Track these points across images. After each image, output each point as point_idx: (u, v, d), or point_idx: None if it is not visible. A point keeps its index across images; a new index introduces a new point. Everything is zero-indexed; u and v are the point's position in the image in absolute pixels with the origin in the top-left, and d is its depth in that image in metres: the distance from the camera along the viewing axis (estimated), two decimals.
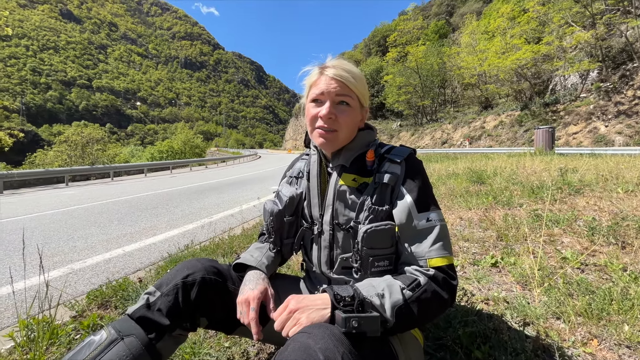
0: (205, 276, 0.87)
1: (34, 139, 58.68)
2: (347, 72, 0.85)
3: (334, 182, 0.91)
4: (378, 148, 0.92)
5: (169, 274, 0.89)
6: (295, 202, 0.98)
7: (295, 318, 0.68)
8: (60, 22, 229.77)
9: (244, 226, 3.46)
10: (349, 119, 0.87)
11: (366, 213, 0.83)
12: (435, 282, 0.75)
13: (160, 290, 0.84)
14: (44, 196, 8.62)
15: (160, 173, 17.73)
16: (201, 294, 0.85)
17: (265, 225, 1.02)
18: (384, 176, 0.84)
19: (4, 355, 1.35)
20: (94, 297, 1.76)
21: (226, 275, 0.93)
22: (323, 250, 0.93)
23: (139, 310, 0.81)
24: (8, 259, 3.11)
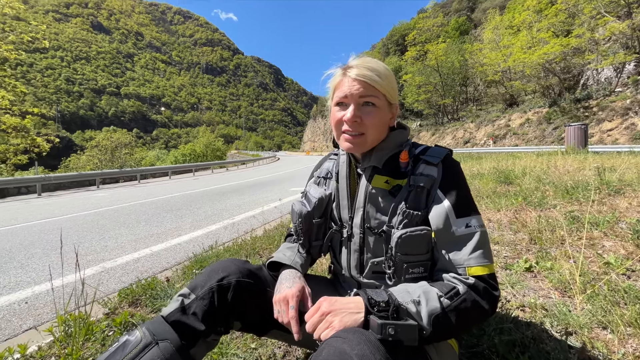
0: (241, 279, 0.86)
1: (68, 144, 62.41)
2: (371, 70, 0.81)
3: (364, 184, 0.87)
4: (412, 149, 0.87)
5: (202, 275, 0.88)
6: (324, 204, 0.95)
7: (327, 321, 0.67)
8: (91, 34, 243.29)
9: (265, 227, 3.49)
10: (376, 120, 0.82)
11: (400, 217, 0.80)
12: (475, 291, 0.71)
13: (195, 292, 0.83)
14: (77, 198, 9.10)
15: (183, 175, 18.30)
16: (236, 297, 0.84)
17: (294, 227, 1.01)
18: (419, 179, 0.80)
19: (44, 349, 1.42)
20: (125, 295, 1.82)
21: (260, 276, 0.92)
22: (353, 253, 0.90)
23: (174, 314, 0.80)
24: (46, 257, 3.30)
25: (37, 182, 11.52)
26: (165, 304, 1.71)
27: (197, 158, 36.82)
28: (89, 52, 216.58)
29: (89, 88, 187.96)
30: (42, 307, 2.13)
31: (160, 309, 1.69)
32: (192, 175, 18.24)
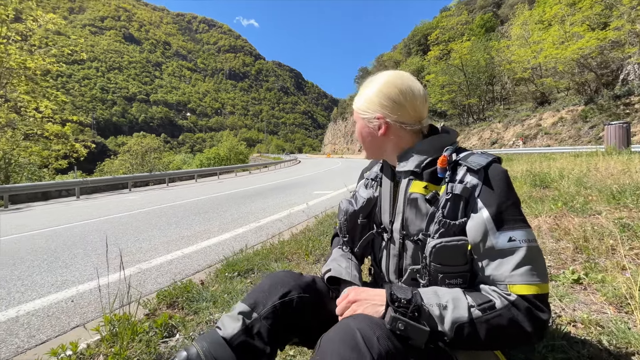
0: (302, 294, 0.86)
1: (102, 149, 66.20)
2: (358, 94, 0.92)
3: (404, 188, 0.86)
4: (453, 154, 0.84)
5: (260, 290, 0.86)
6: (371, 205, 0.96)
7: (352, 309, 0.74)
8: (123, 45, 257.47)
9: (292, 231, 3.52)
10: (358, 133, 0.93)
11: (436, 226, 0.77)
12: (516, 310, 0.66)
13: (257, 311, 0.81)
14: (111, 201, 9.62)
15: (209, 179, 18.87)
16: (298, 313, 0.84)
17: (339, 224, 1.03)
18: (457, 186, 0.76)
19: (92, 347, 1.49)
20: (163, 297, 1.89)
21: (317, 289, 0.92)
22: (392, 258, 0.89)
23: (238, 336, 0.78)
24: (87, 257, 3.49)
25: (76, 185, 12.29)
26: (201, 306, 1.76)
27: (221, 161, 37.88)
28: (121, 62, 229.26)
29: (121, 96, 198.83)
30: (86, 305, 2.25)
31: (197, 311, 1.74)
32: (217, 178, 18.76)
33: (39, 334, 1.89)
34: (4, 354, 1.70)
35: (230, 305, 1.69)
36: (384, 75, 0.88)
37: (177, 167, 36.79)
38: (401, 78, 0.86)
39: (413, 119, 0.85)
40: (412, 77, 0.88)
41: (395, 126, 0.85)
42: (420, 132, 0.88)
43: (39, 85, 16.75)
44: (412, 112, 0.84)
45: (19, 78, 15.68)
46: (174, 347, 1.41)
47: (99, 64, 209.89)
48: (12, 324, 2.02)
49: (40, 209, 8.67)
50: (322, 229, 3.34)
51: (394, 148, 0.87)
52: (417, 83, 0.87)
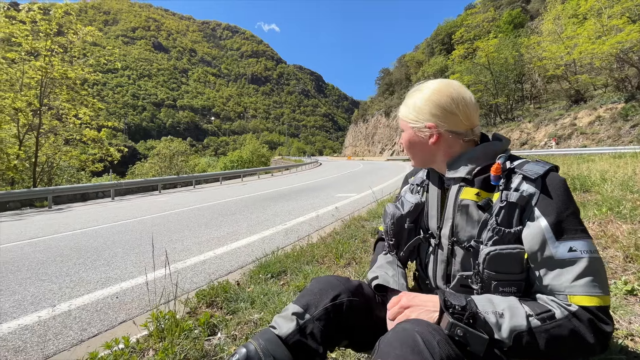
0: (352, 298, 0.88)
1: (133, 153, 69.83)
2: (403, 104, 0.93)
3: (453, 194, 0.86)
4: (507, 161, 0.83)
5: (311, 293, 0.90)
6: (419, 210, 0.96)
7: (405, 314, 0.74)
8: (152, 53, 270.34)
9: (320, 234, 3.55)
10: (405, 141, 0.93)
11: (490, 233, 0.76)
12: (577, 321, 0.65)
13: (309, 313, 0.84)
14: (143, 202, 10.09)
15: (233, 181, 19.35)
16: (348, 316, 0.86)
17: (385, 228, 1.03)
18: (512, 194, 0.76)
19: (140, 341, 1.58)
20: (202, 296, 1.97)
21: (364, 294, 0.93)
22: (439, 264, 0.89)
23: (293, 335, 0.81)
24: (127, 256, 3.69)
25: (111, 187, 13.02)
26: (239, 307, 1.81)
27: (244, 164, 38.76)
28: (150, 69, 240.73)
29: (150, 102, 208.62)
30: (130, 302, 2.38)
31: (235, 311, 1.80)
32: (241, 180, 19.20)
33: (90, 327, 2.02)
34: (61, 345, 1.84)
35: (269, 306, 1.74)
36: (433, 83, 0.87)
37: (203, 170, 38.03)
38: (452, 86, 0.86)
39: (465, 127, 0.85)
40: (461, 85, 0.87)
41: (447, 135, 0.85)
42: (472, 140, 0.87)
43: (78, 93, 17.89)
44: (465, 120, 0.84)
45: (60, 87, 16.85)
46: (217, 345, 1.46)
47: (130, 72, 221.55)
48: (65, 318, 2.17)
49: (80, 210, 9.26)
50: (350, 232, 3.35)
51: (444, 156, 0.87)
52: (468, 91, 0.86)
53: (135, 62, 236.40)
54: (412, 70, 55.96)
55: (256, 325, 1.59)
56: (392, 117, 58.22)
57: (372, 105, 72.37)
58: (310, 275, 2.16)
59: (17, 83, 15.88)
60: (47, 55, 15.82)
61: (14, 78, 15.72)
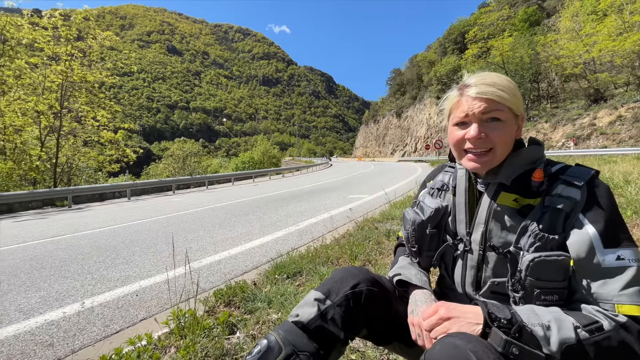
0: (371, 288, 0.89)
1: (148, 154, 71.61)
2: (491, 85, 0.79)
3: (487, 200, 0.85)
4: (547, 167, 0.82)
5: (332, 280, 0.91)
6: (440, 215, 0.95)
7: (444, 327, 0.69)
8: (166, 56, 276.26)
9: (333, 235, 3.55)
10: (504, 134, 0.79)
11: (531, 239, 0.75)
12: (626, 332, 0.63)
13: (331, 299, 0.85)
14: (158, 202, 10.31)
15: (244, 182, 19.55)
16: (367, 304, 0.87)
17: (405, 235, 1.01)
18: (557, 200, 0.74)
19: (162, 338, 1.62)
20: (220, 295, 2.00)
21: (384, 286, 0.94)
22: (469, 270, 0.88)
23: (315, 320, 0.82)
24: (144, 255, 3.79)
25: (128, 187, 13.35)
26: (256, 306, 1.84)
27: (255, 165, 39.11)
28: (164, 72, 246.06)
29: (164, 104, 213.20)
30: (149, 300, 2.44)
31: (252, 311, 1.82)
32: (252, 181, 19.38)
33: (113, 324, 2.09)
34: (86, 341, 1.90)
35: (286, 307, 1.75)
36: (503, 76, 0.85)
37: (215, 171, 38.58)
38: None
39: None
40: None
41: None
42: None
43: (96, 96, 18.45)
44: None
45: (80, 90, 17.42)
46: (237, 344, 1.49)
47: (145, 75, 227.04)
48: (89, 314, 2.25)
49: (98, 209, 9.53)
50: (364, 234, 3.34)
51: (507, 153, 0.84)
52: None
53: (150, 65, 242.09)
54: (423, 70, 55.37)
55: (275, 325, 1.60)
56: (403, 117, 57.74)
57: (383, 106, 71.96)
58: (325, 276, 2.17)
59: (39, 87, 16.51)
60: (68, 60, 16.38)
61: (36, 82, 16.34)
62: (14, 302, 2.55)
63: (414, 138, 50.93)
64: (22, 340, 1.94)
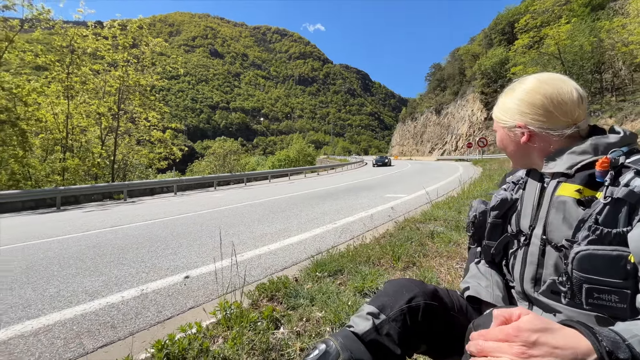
0: (428, 301, 0.85)
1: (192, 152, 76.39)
2: (495, 106, 0.89)
3: (550, 191, 0.79)
4: (622, 157, 0.72)
5: (385, 294, 0.89)
6: (506, 206, 0.93)
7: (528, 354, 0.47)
8: (209, 59, 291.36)
9: (373, 235, 3.47)
10: (500, 144, 0.89)
11: (585, 232, 0.68)
12: None
13: (385, 313, 0.83)
14: (201, 197, 10.89)
15: (280, 179, 19.98)
16: (425, 319, 0.83)
17: (467, 221, 1.03)
18: (621, 190, 0.65)
19: (209, 328, 1.68)
20: (262, 289, 2.04)
21: (443, 299, 0.90)
22: (528, 265, 0.82)
23: (369, 333, 0.81)
24: (190, 247, 4.00)
25: (174, 183, 14.29)
26: (299, 303, 1.84)
27: (291, 163, 39.86)
28: (207, 74, 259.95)
29: (206, 105, 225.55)
30: (196, 290, 2.57)
31: (295, 307, 1.83)
32: (288, 179, 19.75)
33: (165, 310, 2.22)
34: (141, 324, 2.04)
35: (329, 305, 1.73)
36: (528, 81, 0.82)
37: (252, 168, 40.00)
38: (547, 82, 0.79)
39: (564, 124, 0.77)
40: (563, 78, 0.79)
41: (541, 133, 0.79)
42: (577, 134, 0.78)
43: (148, 98, 19.97)
44: (562, 117, 0.77)
45: (134, 94, 18.98)
46: (282, 339, 1.50)
47: (190, 77, 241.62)
48: (144, 299, 2.41)
49: (149, 202, 10.31)
50: (406, 235, 3.22)
51: (540, 154, 0.81)
52: (569, 85, 0.78)
53: (195, 68, 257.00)
54: (466, 64, 52.40)
55: (319, 324, 1.59)
56: (443, 114, 55.25)
57: (421, 103, 69.39)
58: (368, 276, 2.11)
59: (101, 91, 18.27)
60: (124, 66, 17.93)
61: (98, 87, 18.10)
62: (81, 285, 2.82)
63: (454, 136, 48.51)
64: (89, 319, 2.13)
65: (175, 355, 1.40)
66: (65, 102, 16.89)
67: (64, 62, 16.68)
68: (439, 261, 2.43)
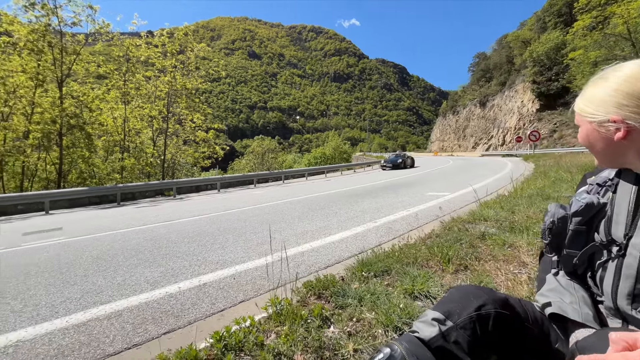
0: (500, 310, 0.80)
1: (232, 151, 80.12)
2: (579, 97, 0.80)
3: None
4: None
5: (450, 300, 0.85)
6: (592, 212, 0.82)
7: None
8: (247, 61, 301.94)
9: (419, 235, 3.35)
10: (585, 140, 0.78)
11: None
12: None
13: (452, 320, 0.80)
14: (243, 195, 11.34)
15: (317, 177, 20.15)
16: (497, 329, 0.79)
17: (542, 228, 0.93)
18: None
19: (262, 322, 1.74)
20: (310, 287, 2.06)
21: (515, 308, 0.85)
22: (625, 279, 0.73)
23: (436, 340, 0.78)
24: (236, 242, 4.18)
25: (218, 181, 15.05)
26: (347, 302, 1.84)
27: (327, 160, 40.04)
28: (246, 76, 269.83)
29: (245, 105, 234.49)
30: (245, 284, 2.68)
31: (343, 307, 1.83)
32: (325, 176, 19.84)
33: (218, 302, 2.34)
34: (198, 315, 2.17)
35: (380, 307, 1.71)
36: (624, 68, 0.72)
37: (289, 166, 40.83)
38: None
39: None
40: None
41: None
42: None
43: (193, 101, 21.24)
44: None
45: (181, 97, 20.31)
46: (334, 338, 1.50)
47: (230, 79, 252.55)
48: (198, 291, 2.57)
49: (196, 199, 10.97)
50: (454, 235, 3.06)
51: (638, 153, 0.71)
52: None
53: (234, 70, 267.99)
54: (515, 51, 48.46)
55: (371, 326, 1.57)
56: (488, 107, 51.80)
57: (464, 95, 65.58)
58: (417, 278, 2.04)
59: (152, 96, 19.81)
60: (172, 71, 19.25)
61: (150, 92, 19.64)
62: (142, 275, 3.08)
63: (501, 129, 45.27)
64: (152, 307, 2.32)
65: (233, 346, 1.47)
66: (123, 107, 18.61)
67: (121, 71, 18.38)
68: (494, 265, 2.27)
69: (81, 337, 1.96)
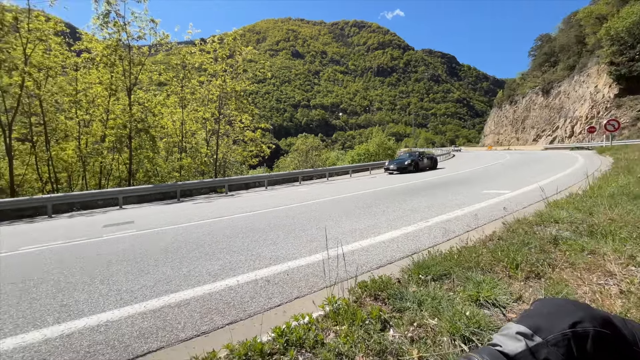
0: (600, 330, 0.71)
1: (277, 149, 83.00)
2: None
3: None
4: None
5: (537, 314, 0.78)
6: None
7: None
8: (291, 61, 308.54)
9: (479, 236, 3.12)
10: None
11: None
12: None
13: (540, 335, 0.73)
14: (289, 192, 11.64)
15: (361, 174, 19.92)
16: (597, 351, 0.70)
17: None
18: None
19: (319, 320, 1.76)
20: (364, 287, 2.04)
21: (624, 332, 0.74)
22: None
23: (523, 356, 0.72)
24: (286, 239, 4.29)
25: (265, 179, 15.65)
26: (405, 306, 1.78)
27: (371, 157, 39.33)
28: (289, 75, 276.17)
29: (289, 104, 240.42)
30: (298, 280, 2.74)
31: (401, 310, 1.77)
32: (369, 173, 19.53)
33: (273, 297, 2.43)
34: (256, 308, 2.28)
35: (443, 314, 1.62)
36: None
37: (333, 163, 40.95)
38: None
39: None
40: None
41: None
42: None
43: (241, 102, 22.35)
44: None
45: (230, 99, 21.49)
46: (396, 343, 1.46)
47: (275, 80, 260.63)
48: (254, 286, 2.70)
49: (245, 196, 11.54)
50: (520, 239, 2.80)
51: None
52: None
53: (279, 71, 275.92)
54: (588, 29, 42.70)
55: (435, 332, 1.50)
56: (553, 95, 46.53)
57: (523, 83, 59.67)
58: (482, 284, 1.90)
59: (205, 99, 21.27)
60: (222, 75, 20.45)
61: (203, 95, 21.11)
62: (204, 267, 3.32)
63: (569, 119, 40.37)
64: (215, 298, 2.49)
65: (294, 342, 1.51)
66: (180, 111, 20.26)
67: (178, 77, 20.03)
68: (572, 274, 2.03)
69: (157, 321, 2.17)
